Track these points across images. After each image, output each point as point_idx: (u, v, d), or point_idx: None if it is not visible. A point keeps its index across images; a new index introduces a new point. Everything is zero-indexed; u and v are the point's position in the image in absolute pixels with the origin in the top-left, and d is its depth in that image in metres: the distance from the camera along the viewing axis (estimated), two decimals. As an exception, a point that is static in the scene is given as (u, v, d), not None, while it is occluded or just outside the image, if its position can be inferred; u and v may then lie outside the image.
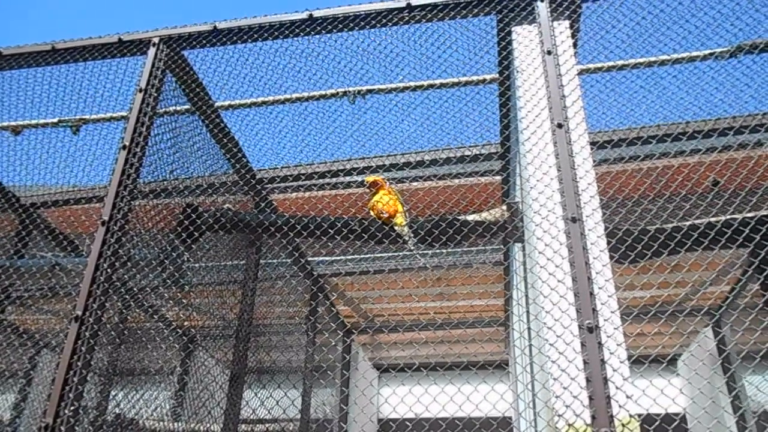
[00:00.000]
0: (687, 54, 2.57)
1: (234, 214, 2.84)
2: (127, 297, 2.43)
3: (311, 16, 2.57)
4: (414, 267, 4.13)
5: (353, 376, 5.54)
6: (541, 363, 1.90)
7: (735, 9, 2.28)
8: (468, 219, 2.72)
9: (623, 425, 1.52)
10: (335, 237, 2.69)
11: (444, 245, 2.80)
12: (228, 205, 3.01)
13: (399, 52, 2.61)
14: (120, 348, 2.47)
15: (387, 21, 2.52)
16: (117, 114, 3.17)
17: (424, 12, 2.47)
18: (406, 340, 5.49)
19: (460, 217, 2.72)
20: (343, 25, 2.54)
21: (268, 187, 3.45)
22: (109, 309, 2.18)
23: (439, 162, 3.14)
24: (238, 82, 2.82)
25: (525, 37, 2.33)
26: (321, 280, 4.36)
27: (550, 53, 2.18)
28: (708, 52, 2.59)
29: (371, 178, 2.83)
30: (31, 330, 4.36)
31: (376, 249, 3.90)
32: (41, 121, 3.25)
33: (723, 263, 3.80)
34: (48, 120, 3.24)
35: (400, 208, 2.72)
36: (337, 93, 3.08)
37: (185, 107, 2.82)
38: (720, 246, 2.34)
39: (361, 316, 5.23)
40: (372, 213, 2.74)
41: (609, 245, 1.85)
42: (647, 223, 2.48)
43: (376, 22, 2.53)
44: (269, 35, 2.61)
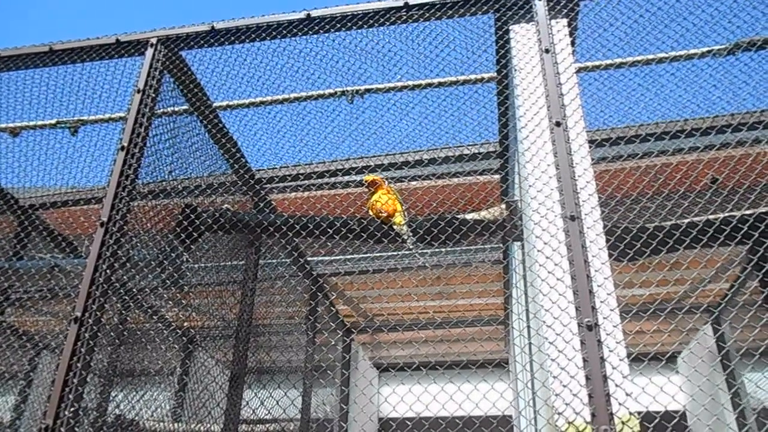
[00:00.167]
0: (684, 51, 2.57)
1: (233, 214, 2.84)
2: (127, 298, 2.43)
3: (309, 15, 2.57)
4: (413, 266, 4.13)
5: (353, 375, 5.54)
6: (541, 361, 1.90)
7: (732, 6, 2.28)
8: (467, 218, 2.72)
9: (623, 423, 1.52)
10: (334, 237, 2.68)
11: (443, 244, 2.80)
12: (227, 206, 3.00)
13: (397, 51, 2.61)
14: (120, 349, 2.46)
15: (385, 20, 2.52)
16: (115, 115, 3.17)
17: (421, 11, 2.47)
18: (405, 339, 5.49)
19: (459, 216, 2.72)
20: (341, 25, 2.54)
21: (266, 187, 3.45)
22: (109, 310, 2.18)
23: (438, 161, 3.14)
24: (236, 82, 2.82)
25: (523, 36, 2.33)
26: (320, 279, 4.36)
27: (548, 51, 2.18)
28: (706, 49, 2.59)
29: (370, 177, 2.83)
30: (31, 332, 4.36)
31: (375, 248, 3.90)
32: (39, 123, 3.24)
33: (722, 260, 3.81)
34: (46, 121, 3.23)
35: (399, 207, 2.72)
36: (335, 92, 3.08)
37: (183, 108, 2.82)
38: (719, 243, 2.34)
39: (361, 315, 5.23)
40: (371, 212, 2.74)
41: (608, 243, 1.85)
42: (646, 221, 2.48)
43: (373, 21, 2.53)
44: (267, 35, 2.61)
